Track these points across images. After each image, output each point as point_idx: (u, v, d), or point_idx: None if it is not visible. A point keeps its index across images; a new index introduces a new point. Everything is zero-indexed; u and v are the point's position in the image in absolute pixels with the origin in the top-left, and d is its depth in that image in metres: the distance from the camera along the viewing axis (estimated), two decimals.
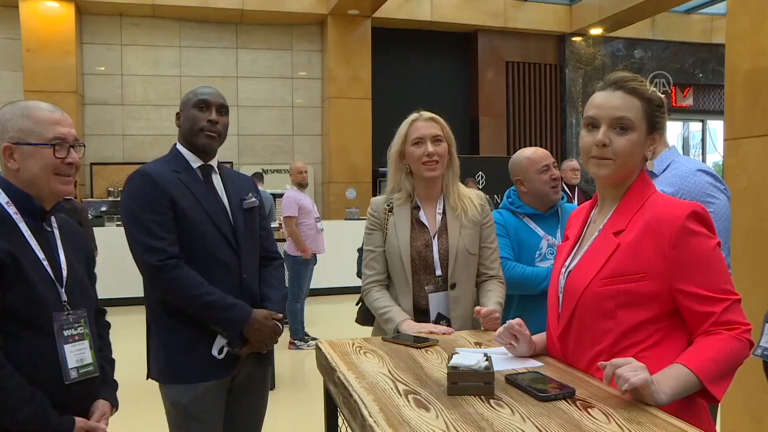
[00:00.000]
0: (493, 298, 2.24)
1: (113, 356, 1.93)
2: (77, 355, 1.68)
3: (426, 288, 2.26)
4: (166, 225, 2.08)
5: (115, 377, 1.91)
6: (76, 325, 1.69)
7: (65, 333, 1.66)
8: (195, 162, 2.20)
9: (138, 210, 2.07)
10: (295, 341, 6.22)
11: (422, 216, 2.31)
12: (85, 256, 1.88)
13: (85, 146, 1.81)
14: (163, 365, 2.14)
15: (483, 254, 2.33)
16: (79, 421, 1.67)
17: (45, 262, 1.66)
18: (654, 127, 1.52)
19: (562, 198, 2.71)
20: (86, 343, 1.71)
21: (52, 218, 1.77)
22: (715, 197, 2.07)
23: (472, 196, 2.36)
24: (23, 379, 1.56)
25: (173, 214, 2.09)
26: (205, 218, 2.13)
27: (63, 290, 1.68)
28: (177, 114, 2.23)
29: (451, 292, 2.26)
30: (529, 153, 2.68)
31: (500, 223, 2.64)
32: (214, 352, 2.13)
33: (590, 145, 1.50)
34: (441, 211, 2.33)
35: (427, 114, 2.32)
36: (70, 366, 1.66)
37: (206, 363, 2.13)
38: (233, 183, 2.29)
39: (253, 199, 2.30)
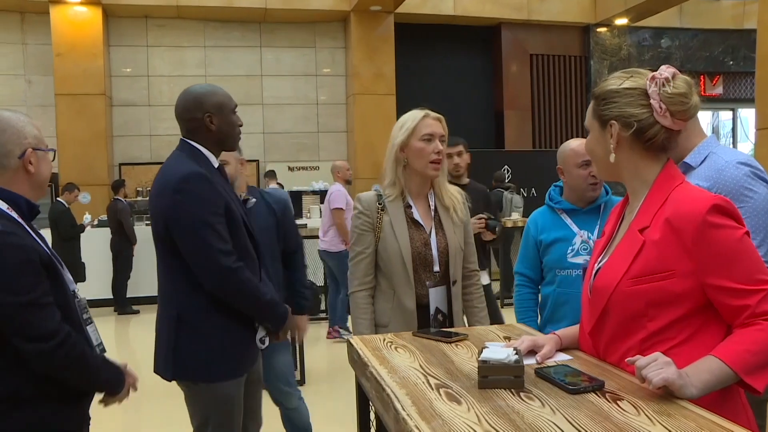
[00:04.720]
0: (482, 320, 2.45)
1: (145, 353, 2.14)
2: (94, 335, 1.82)
3: (426, 283, 2.29)
4: (226, 227, 2.11)
5: (144, 375, 2.09)
6: (86, 308, 1.83)
7: (84, 317, 1.79)
8: (215, 162, 2.24)
9: (206, 214, 2.06)
10: (340, 329, 6.31)
11: (415, 214, 2.33)
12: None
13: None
14: (210, 364, 2.14)
15: (466, 250, 2.42)
16: (121, 364, 1.90)
17: (53, 258, 1.74)
18: (602, 120, 1.53)
19: (607, 193, 2.66)
20: (95, 325, 1.86)
21: None
22: (754, 190, 1.94)
23: (456, 194, 2.42)
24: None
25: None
26: (239, 216, 2.19)
27: (71, 278, 1.80)
28: (208, 116, 2.16)
29: (453, 288, 2.32)
30: (574, 145, 2.64)
31: (530, 234, 2.67)
32: (258, 341, 2.27)
33: None
34: (433, 207, 2.36)
35: (435, 113, 2.37)
36: (94, 344, 1.81)
37: (250, 356, 2.28)
38: None
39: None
